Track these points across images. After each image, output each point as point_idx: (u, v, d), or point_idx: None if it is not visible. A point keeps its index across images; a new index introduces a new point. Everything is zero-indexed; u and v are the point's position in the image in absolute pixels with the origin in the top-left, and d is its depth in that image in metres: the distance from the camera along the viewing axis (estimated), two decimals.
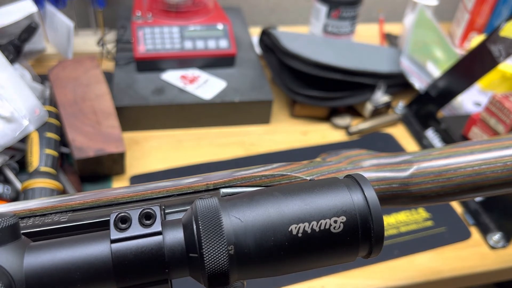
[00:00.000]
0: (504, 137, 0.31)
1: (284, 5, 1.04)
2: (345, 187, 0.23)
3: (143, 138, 0.68)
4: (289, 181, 0.28)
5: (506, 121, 0.63)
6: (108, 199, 0.26)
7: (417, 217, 0.61)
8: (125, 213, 0.21)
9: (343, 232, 0.22)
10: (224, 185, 0.27)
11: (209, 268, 0.20)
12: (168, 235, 0.21)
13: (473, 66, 0.67)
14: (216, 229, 0.21)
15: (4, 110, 0.53)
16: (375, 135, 0.75)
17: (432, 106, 0.74)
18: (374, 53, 0.83)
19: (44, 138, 0.55)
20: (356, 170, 0.30)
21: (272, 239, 0.21)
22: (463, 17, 0.99)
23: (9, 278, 0.19)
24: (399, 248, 0.57)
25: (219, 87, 0.72)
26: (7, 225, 0.20)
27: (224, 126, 0.73)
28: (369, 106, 0.75)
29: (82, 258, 0.20)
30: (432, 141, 0.72)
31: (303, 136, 0.74)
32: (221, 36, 0.76)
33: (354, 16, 0.85)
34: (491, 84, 0.85)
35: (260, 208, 0.22)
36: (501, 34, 0.61)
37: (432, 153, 0.31)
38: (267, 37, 0.79)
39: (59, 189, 0.52)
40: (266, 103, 0.72)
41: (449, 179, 0.30)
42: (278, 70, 0.77)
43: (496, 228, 0.59)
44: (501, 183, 0.30)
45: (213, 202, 0.22)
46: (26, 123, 0.54)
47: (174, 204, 0.26)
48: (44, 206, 0.26)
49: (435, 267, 0.55)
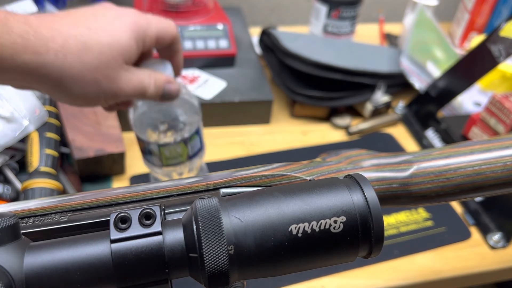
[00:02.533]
0: (504, 137, 0.31)
1: (284, 5, 1.04)
2: (345, 187, 0.23)
3: None
4: (289, 181, 0.28)
5: (506, 121, 0.63)
6: (108, 199, 0.26)
7: (417, 217, 0.61)
8: (125, 213, 0.21)
9: (343, 232, 0.22)
10: (224, 185, 0.27)
11: (209, 268, 0.20)
12: (168, 235, 0.21)
13: (473, 66, 0.67)
14: (216, 229, 0.21)
15: (4, 110, 0.53)
16: (375, 135, 0.75)
17: (432, 106, 0.74)
18: (374, 53, 0.83)
19: (44, 138, 0.55)
20: (356, 170, 0.30)
21: (272, 239, 0.21)
22: (463, 17, 0.99)
23: (9, 278, 0.19)
24: (399, 248, 0.57)
25: (219, 87, 0.72)
26: (7, 225, 0.20)
27: (224, 126, 0.73)
28: (369, 106, 0.75)
29: (82, 258, 0.20)
30: (432, 141, 0.72)
31: (303, 136, 0.74)
32: (221, 36, 0.76)
33: (354, 16, 0.85)
34: (491, 84, 0.85)
35: (260, 208, 0.22)
36: (501, 34, 0.61)
37: (432, 153, 0.31)
38: (267, 37, 0.79)
39: (59, 189, 0.52)
40: (266, 103, 0.72)
41: (449, 179, 0.30)
42: (278, 70, 0.77)
43: (496, 228, 0.59)
44: (501, 183, 0.30)
45: (213, 202, 0.22)
46: (26, 123, 0.54)
47: (174, 204, 0.26)
48: (44, 206, 0.26)
49: (435, 267, 0.55)
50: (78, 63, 0.34)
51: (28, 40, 0.31)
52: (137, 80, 0.38)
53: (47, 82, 0.34)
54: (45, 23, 0.33)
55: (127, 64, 0.37)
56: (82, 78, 0.34)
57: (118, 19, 0.37)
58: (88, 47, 0.34)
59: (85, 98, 0.36)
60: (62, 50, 0.33)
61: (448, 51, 0.87)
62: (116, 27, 0.36)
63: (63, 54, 0.33)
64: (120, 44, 0.36)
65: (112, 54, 0.35)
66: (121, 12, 0.38)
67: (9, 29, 0.30)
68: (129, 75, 0.37)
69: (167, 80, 0.41)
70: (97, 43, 0.34)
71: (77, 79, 0.34)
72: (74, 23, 0.34)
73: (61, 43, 0.33)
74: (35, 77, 0.33)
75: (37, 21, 0.32)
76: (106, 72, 0.35)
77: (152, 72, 0.40)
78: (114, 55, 0.35)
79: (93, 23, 0.35)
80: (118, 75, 0.36)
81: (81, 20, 0.35)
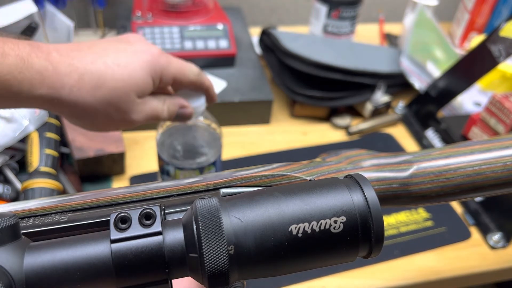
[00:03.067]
0: (504, 137, 0.31)
1: (284, 5, 1.04)
2: (345, 187, 0.23)
3: (143, 138, 0.68)
4: (289, 181, 0.28)
5: (506, 121, 0.63)
6: (108, 199, 0.26)
7: (417, 217, 0.61)
8: (125, 213, 0.21)
9: (343, 232, 0.22)
10: (224, 185, 0.27)
11: (209, 268, 0.20)
12: (168, 235, 0.21)
13: (473, 66, 0.67)
14: (216, 229, 0.21)
15: (4, 110, 0.53)
16: (375, 135, 0.75)
17: (432, 106, 0.74)
18: (374, 53, 0.83)
19: (44, 138, 0.55)
20: (356, 170, 0.30)
21: (272, 239, 0.21)
22: (463, 17, 0.99)
23: (9, 278, 0.19)
24: (399, 248, 0.57)
25: (219, 87, 0.72)
26: (7, 225, 0.20)
27: (224, 126, 0.73)
28: (369, 106, 0.75)
29: (82, 258, 0.20)
30: (432, 141, 0.72)
31: (303, 136, 0.74)
32: (221, 36, 0.76)
33: (354, 16, 0.85)
34: (491, 84, 0.85)
35: (260, 208, 0.22)
36: (501, 34, 0.61)
37: (432, 153, 0.31)
38: (267, 37, 0.79)
39: (59, 189, 0.52)
40: (266, 103, 0.72)
41: (449, 179, 0.30)
42: (278, 70, 0.77)
43: (496, 228, 0.59)
44: (501, 183, 0.30)
45: (213, 202, 0.22)
46: (26, 123, 0.54)
47: (174, 204, 0.26)
48: (44, 206, 0.26)
49: (435, 267, 0.55)
50: (90, 97, 0.36)
51: (46, 77, 0.33)
52: (150, 109, 0.41)
53: (61, 112, 0.37)
54: (64, 60, 0.35)
55: (141, 98, 0.39)
56: (94, 111, 0.37)
57: (138, 55, 0.38)
58: (102, 83, 0.36)
59: (97, 128, 0.40)
60: (77, 85, 0.35)
61: (448, 51, 0.87)
62: (134, 63, 0.38)
63: (78, 89, 0.35)
64: (134, 80, 0.38)
65: (125, 89, 0.37)
66: (143, 48, 0.39)
67: (30, 65, 0.33)
68: (141, 106, 0.40)
69: (181, 105, 0.43)
70: (111, 79, 0.37)
71: (89, 112, 0.37)
72: (92, 59, 0.36)
73: (77, 79, 0.35)
74: (51, 107, 0.36)
75: (58, 57, 0.34)
76: (118, 106, 0.38)
77: (167, 98, 0.42)
78: (127, 90, 0.37)
79: (111, 58, 0.37)
80: (129, 108, 0.39)
81: (101, 55, 0.37)
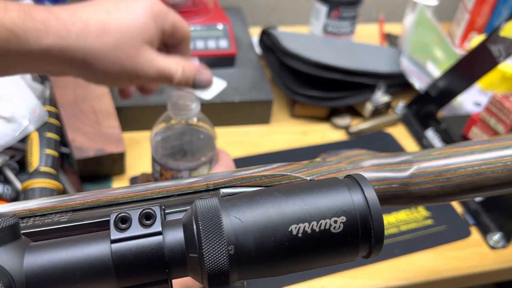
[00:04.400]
0: (504, 137, 0.31)
1: (284, 5, 1.04)
2: (345, 187, 0.23)
3: (143, 138, 0.68)
4: (289, 181, 0.28)
5: (506, 121, 0.63)
6: (108, 199, 0.26)
7: (417, 216, 0.61)
8: (125, 213, 0.21)
9: (343, 232, 0.22)
10: (224, 185, 0.27)
11: (209, 268, 0.20)
12: (168, 235, 0.21)
13: (473, 66, 0.67)
14: (216, 229, 0.21)
15: (4, 110, 0.53)
16: (375, 135, 0.75)
17: (432, 106, 0.74)
18: (374, 53, 0.83)
19: (44, 138, 0.55)
20: (356, 170, 0.30)
21: (272, 239, 0.21)
22: (463, 17, 0.99)
23: (9, 278, 0.19)
24: (400, 247, 0.57)
25: (219, 87, 0.72)
26: (7, 225, 0.20)
27: (224, 126, 0.73)
28: (369, 106, 0.75)
29: (82, 258, 0.20)
30: (432, 141, 0.72)
31: (303, 136, 0.74)
32: (221, 36, 0.75)
33: (354, 16, 0.85)
34: (491, 84, 0.85)
35: (260, 208, 0.22)
36: (501, 34, 0.61)
37: (432, 153, 0.31)
38: (267, 37, 0.79)
39: (59, 189, 0.52)
40: (266, 103, 0.72)
41: (449, 179, 0.30)
42: (278, 70, 0.77)
43: (496, 228, 0.59)
44: (501, 183, 0.30)
45: (213, 202, 0.22)
46: (26, 123, 0.54)
47: (174, 204, 0.26)
48: (44, 206, 0.26)
49: (435, 267, 0.55)
50: (98, 42, 0.36)
51: (50, 25, 0.34)
52: (162, 64, 0.40)
53: (72, 64, 0.37)
54: (65, 10, 0.36)
55: (149, 45, 0.39)
56: (103, 56, 0.37)
57: (137, 2, 0.39)
58: (107, 28, 0.37)
59: (110, 76, 0.39)
60: (83, 32, 0.36)
61: (448, 51, 0.87)
62: (135, 9, 0.38)
63: (84, 36, 0.36)
64: (138, 24, 0.38)
65: (131, 33, 0.38)
66: None
67: (33, 17, 0.34)
68: (151, 56, 0.39)
69: (198, 69, 0.42)
70: (115, 24, 0.37)
71: (99, 58, 0.37)
72: (93, 10, 0.37)
73: (82, 27, 0.36)
74: (60, 60, 0.36)
75: (58, 9, 0.36)
76: (126, 50, 0.38)
77: (182, 60, 0.41)
78: (133, 34, 0.38)
79: (112, 7, 0.38)
80: (138, 53, 0.38)
81: (101, 6, 0.38)
